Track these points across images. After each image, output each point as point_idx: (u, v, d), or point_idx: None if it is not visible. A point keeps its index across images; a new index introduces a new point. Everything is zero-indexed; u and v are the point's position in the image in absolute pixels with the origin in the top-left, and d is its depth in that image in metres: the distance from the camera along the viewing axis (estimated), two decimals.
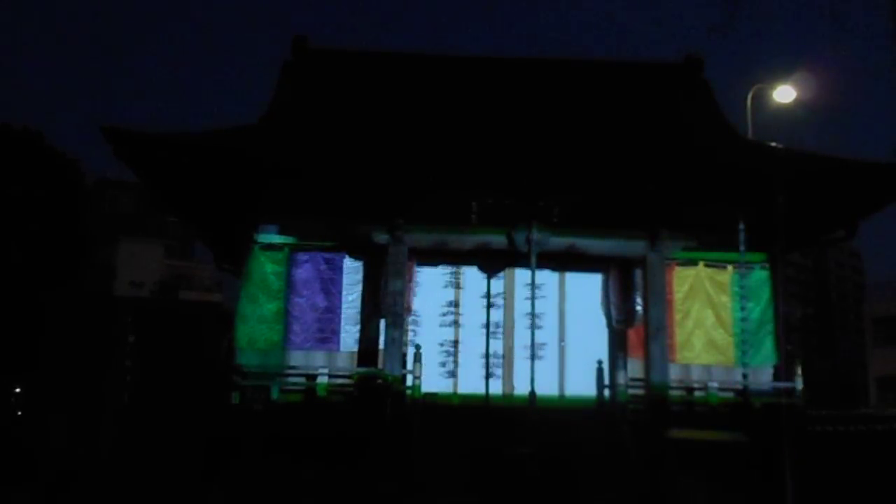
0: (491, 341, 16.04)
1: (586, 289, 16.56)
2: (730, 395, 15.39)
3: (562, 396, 16.03)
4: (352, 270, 15.85)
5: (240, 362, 15.09)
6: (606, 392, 15.48)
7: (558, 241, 14.60)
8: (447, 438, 13.49)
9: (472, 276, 16.45)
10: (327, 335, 15.59)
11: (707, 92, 19.07)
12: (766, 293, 16.26)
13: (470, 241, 14.93)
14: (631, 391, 15.02)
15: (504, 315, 16.32)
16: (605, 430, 14.49)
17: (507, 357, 16.10)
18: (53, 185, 28.79)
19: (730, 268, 16.13)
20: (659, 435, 13.60)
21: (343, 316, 15.69)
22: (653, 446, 13.46)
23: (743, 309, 15.63)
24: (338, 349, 15.59)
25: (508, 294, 16.39)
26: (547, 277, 16.23)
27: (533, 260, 14.24)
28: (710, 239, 15.62)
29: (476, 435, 13.53)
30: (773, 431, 13.56)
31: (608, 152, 15.21)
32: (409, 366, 14.63)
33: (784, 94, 20.59)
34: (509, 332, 16.22)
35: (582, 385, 15.77)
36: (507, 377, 15.99)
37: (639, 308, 15.30)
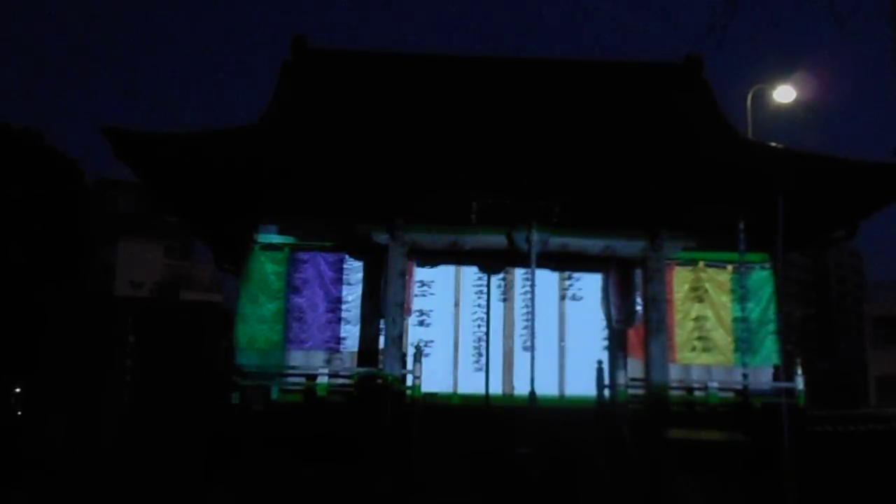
0: (491, 341, 16.06)
1: (586, 289, 16.57)
2: (730, 395, 15.39)
3: (562, 396, 16.04)
4: (352, 270, 15.86)
5: (240, 362, 15.09)
6: (606, 392, 15.48)
7: (558, 241, 14.60)
8: (447, 438, 13.49)
9: (472, 275, 16.46)
10: (327, 335, 15.60)
11: (707, 92, 19.06)
12: (766, 293, 16.25)
13: (470, 241, 14.93)
14: (631, 391, 15.03)
15: (504, 315, 16.32)
16: (605, 429, 14.50)
17: (507, 357, 16.10)
18: (54, 185, 28.78)
19: (730, 268, 16.12)
20: (659, 435, 13.60)
21: (343, 316, 15.69)
22: (653, 446, 13.46)
23: (743, 309, 15.63)
24: (338, 349, 15.60)
25: (508, 294, 16.39)
26: (547, 277, 16.24)
27: (533, 260, 14.24)
28: (710, 239, 15.63)
29: (476, 435, 13.54)
30: (773, 431, 13.56)
31: (608, 152, 15.20)
32: (409, 366, 14.64)
33: (784, 94, 20.63)
34: (509, 331, 16.22)
35: (582, 385, 15.80)
36: (507, 377, 16.00)
37: (639, 308, 15.30)
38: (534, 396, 13.61)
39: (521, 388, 14.92)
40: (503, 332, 16.22)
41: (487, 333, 16.10)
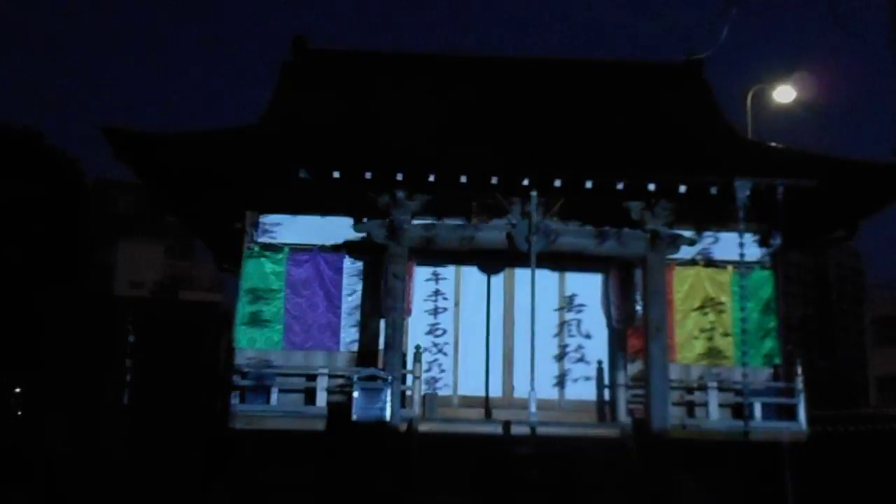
0: (490, 341, 16.04)
1: (586, 289, 16.57)
2: (730, 394, 15.37)
3: (562, 396, 16.02)
4: (352, 270, 15.85)
5: (239, 362, 15.07)
6: (606, 392, 15.44)
7: (558, 241, 14.58)
8: (446, 438, 13.49)
9: (472, 275, 16.44)
10: (327, 335, 15.58)
11: (707, 92, 19.07)
12: (766, 293, 16.23)
13: (470, 240, 14.91)
14: (631, 391, 15.01)
15: (504, 315, 16.30)
16: (605, 430, 14.47)
17: (507, 357, 16.08)
18: (53, 185, 28.80)
19: (730, 268, 16.10)
20: (659, 435, 13.59)
21: (343, 316, 15.68)
22: (653, 446, 13.45)
23: (743, 309, 15.59)
24: (338, 349, 15.58)
25: (508, 294, 16.37)
26: (547, 277, 16.22)
27: (533, 260, 14.23)
28: (711, 239, 15.64)
29: (475, 435, 13.54)
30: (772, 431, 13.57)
31: (608, 152, 15.21)
32: (409, 366, 14.63)
33: (784, 94, 20.61)
34: (509, 332, 16.19)
35: (582, 385, 15.79)
36: (507, 377, 15.98)
37: (639, 308, 15.27)
38: (533, 397, 13.59)
39: (521, 389, 14.90)
40: (503, 332, 16.19)
41: (487, 333, 16.08)
